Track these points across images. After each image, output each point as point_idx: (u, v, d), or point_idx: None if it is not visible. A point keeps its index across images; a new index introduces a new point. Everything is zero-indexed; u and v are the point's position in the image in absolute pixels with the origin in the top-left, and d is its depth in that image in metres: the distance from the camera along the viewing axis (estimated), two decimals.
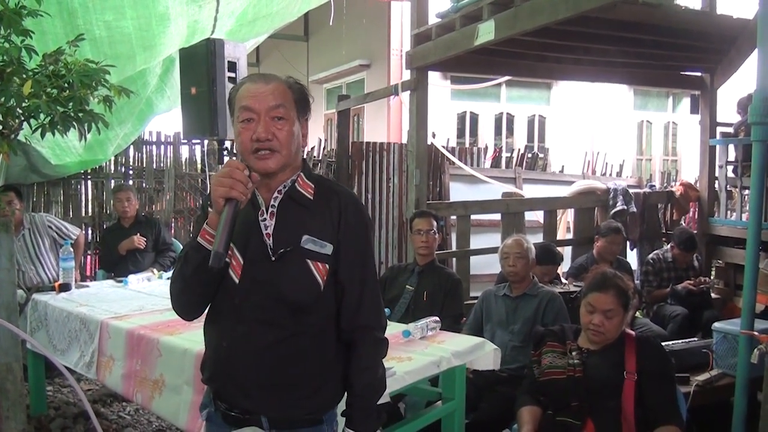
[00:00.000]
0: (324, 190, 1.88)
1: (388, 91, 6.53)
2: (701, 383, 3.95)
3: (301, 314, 1.81)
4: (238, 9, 4.78)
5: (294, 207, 1.84)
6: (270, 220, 1.83)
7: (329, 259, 1.83)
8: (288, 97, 1.81)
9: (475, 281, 6.44)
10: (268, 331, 1.80)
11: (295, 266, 1.80)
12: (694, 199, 7.09)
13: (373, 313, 1.93)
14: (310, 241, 1.81)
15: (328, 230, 1.83)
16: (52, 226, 5.32)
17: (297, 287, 1.80)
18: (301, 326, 1.81)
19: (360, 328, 1.90)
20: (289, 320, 1.80)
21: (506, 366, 3.66)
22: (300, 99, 1.85)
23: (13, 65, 2.97)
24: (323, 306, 1.85)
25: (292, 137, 1.80)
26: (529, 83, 11.41)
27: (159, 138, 6.85)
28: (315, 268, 1.81)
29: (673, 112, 13.07)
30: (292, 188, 1.86)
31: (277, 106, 1.77)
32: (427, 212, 4.56)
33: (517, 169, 8.16)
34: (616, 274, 3.00)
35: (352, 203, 1.89)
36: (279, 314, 1.80)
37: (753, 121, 3.48)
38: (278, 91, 1.79)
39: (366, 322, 1.91)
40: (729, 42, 5.73)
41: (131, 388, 3.21)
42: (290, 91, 1.83)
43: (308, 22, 13.09)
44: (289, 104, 1.80)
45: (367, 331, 1.91)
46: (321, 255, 1.81)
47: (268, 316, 1.80)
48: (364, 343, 1.91)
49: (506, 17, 4.42)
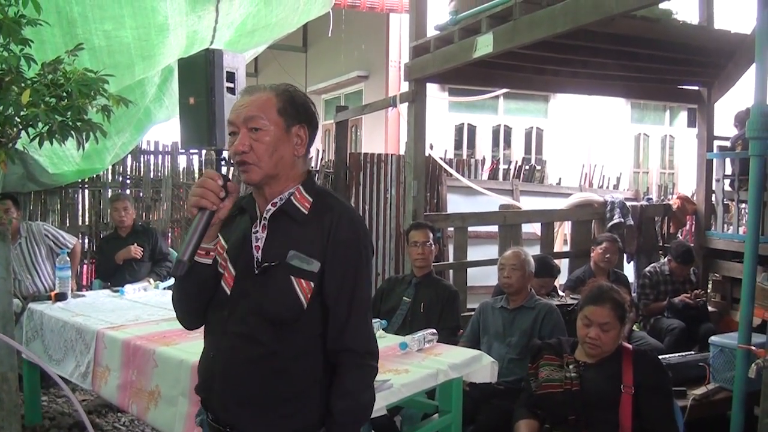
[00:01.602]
0: (321, 206, 1.81)
1: (386, 103, 6.54)
2: (698, 397, 3.95)
3: (283, 332, 1.76)
4: (238, 20, 4.79)
5: (286, 221, 1.80)
6: (261, 233, 1.80)
7: (315, 277, 1.75)
8: (268, 107, 1.75)
9: (472, 293, 6.43)
10: (248, 347, 1.77)
11: (279, 282, 1.75)
12: (691, 213, 7.10)
13: (360, 336, 1.80)
14: (297, 257, 1.75)
15: (317, 247, 1.76)
16: (48, 235, 5.30)
17: (278, 303, 1.75)
18: (283, 344, 1.76)
19: (344, 351, 1.79)
20: (270, 337, 1.76)
21: (503, 379, 3.65)
22: (286, 106, 1.77)
23: (11, 74, 2.97)
24: (308, 325, 1.78)
25: (270, 148, 1.74)
26: (526, 96, 11.45)
27: (157, 147, 6.85)
28: (299, 285, 1.75)
29: (670, 125, 13.12)
30: (288, 201, 1.80)
31: (252, 117, 1.73)
32: (423, 224, 4.56)
33: (515, 181, 8.17)
34: (612, 287, 3.00)
35: (346, 219, 1.80)
36: (260, 330, 1.76)
37: (750, 135, 3.50)
38: (258, 102, 1.75)
39: (350, 346, 1.79)
40: (726, 56, 5.75)
41: (127, 399, 3.20)
42: (275, 100, 1.76)
43: (307, 33, 13.13)
44: (268, 113, 1.74)
45: (350, 355, 1.79)
46: (306, 272, 1.75)
47: (249, 331, 1.77)
48: (346, 367, 1.79)
49: (505, 30, 4.44)
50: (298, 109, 1.79)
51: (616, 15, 3.69)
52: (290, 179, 1.81)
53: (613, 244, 5.52)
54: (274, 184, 1.79)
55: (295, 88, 1.84)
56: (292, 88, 1.83)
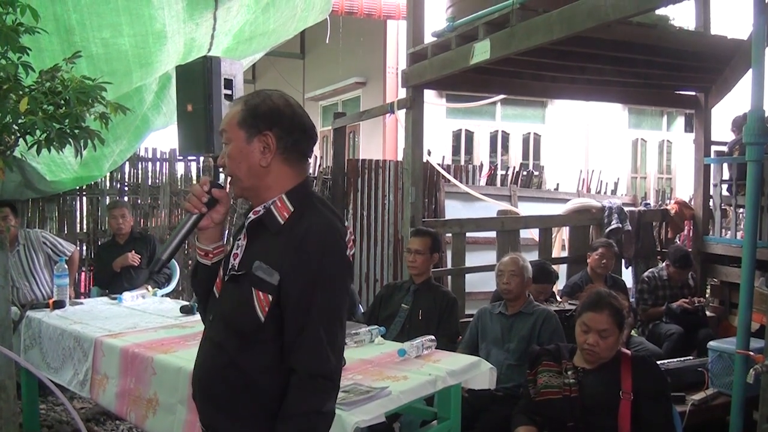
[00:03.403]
0: (298, 216, 1.76)
1: (384, 109, 6.55)
2: (697, 402, 3.95)
3: (244, 343, 1.75)
4: (235, 27, 4.80)
5: (261, 230, 1.79)
6: (243, 241, 1.82)
7: (274, 290, 1.70)
8: (234, 120, 1.77)
9: (471, 299, 6.43)
10: (216, 352, 1.81)
11: (243, 292, 1.74)
12: (688, 218, 7.11)
13: (312, 355, 1.69)
14: (260, 268, 1.72)
15: (281, 258, 1.71)
16: (47, 242, 5.30)
17: (237, 313, 1.76)
18: (246, 355, 1.74)
19: (293, 371, 1.70)
20: (234, 346, 1.76)
21: (502, 385, 3.64)
22: (246, 117, 1.75)
23: (9, 82, 2.98)
24: (269, 339, 1.73)
25: (236, 161, 1.77)
26: (524, 101, 11.46)
27: (155, 154, 6.84)
28: (257, 297, 1.71)
29: (667, 130, 13.13)
30: (267, 211, 1.78)
31: (222, 131, 1.81)
32: (424, 231, 4.46)
33: (512, 186, 8.17)
34: (610, 293, 3.01)
35: (315, 231, 1.71)
36: (225, 337, 1.78)
37: (747, 141, 3.51)
38: (227, 117, 1.80)
39: (299, 364, 1.69)
40: (723, 62, 5.77)
41: (125, 407, 3.19)
42: (240, 113, 1.76)
43: (305, 39, 13.14)
44: (231, 127, 1.77)
45: (299, 375, 1.69)
46: (266, 284, 1.70)
47: (218, 338, 1.80)
48: (294, 387, 1.69)
49: (502, 37, 4.45)
50: (261, 117, 1.75)
51: (612, 21, 3.69)
52: (271, 189, 1.79)
53: (609, 249, 5.52)
54: (255, 195, 1.81)
55: (268, 96, 1.80)
56: (264, 95, 1.79)
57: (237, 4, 4.54)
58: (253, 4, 4.73)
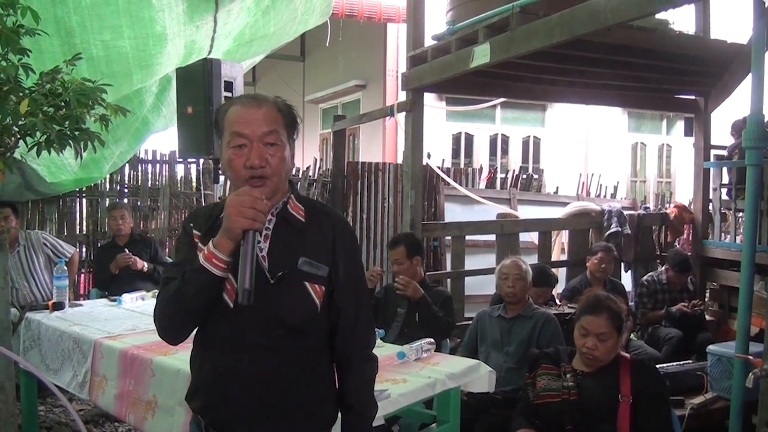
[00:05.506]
0: (314, 212, 1.88)
1: (384, 112, 6.55)
2: (696, 406, 3.95)
3: (298, 337, 1.80)
4: (236, 29, 4.81)
5: (288, 229, 1.82)
6: (264, 243, 1.79)
7: (325, 281, 1.82)
8: (279, 121, 1.78)
9: (470, 302, 6.43)
10: (268, 356, 1.77)
11: (294, 289, 1.78)
12: (688, 221, 7.11)
13: (368, 333, 1.97)
14: (307, 263, 1.79)
15: (323, 252, 1.82)
16: (47, 243, 5.30)
17: (296, 310, 1.77)
18: (298, 350, 1.81)
19: (355, 348, 1.92)
20: (287, 344, 1.79)
21: (501, 388, 3.64)
22: (290, 122, 1.82)
23: (10, 83, 2.98)
24: (319, 327, 1.85)
25: (284, 163, 1.78)
26: (524, 105, 11.47)
27: (154, 156, 6.84)
28: (312, 290, 1.80)
29: (667, 134, 13.13)
30: (285, 211, 1.84)
31: (270, 132, 1.74)
32: (395, 240, 4.40)
33: (512, 190, 8.18)
34: (609, 296, 3.01)
35: (346, 227, 1.94)
36: (278, 338, 1.77)
37: (747, 145, 3.51)
38: (270, 116, 1.76)
39: (361, 342, 1.93)
40: (723, 66, 5.77)
41: (124, 409, 3.19)
42: (281, 115, 1.79)
43: (305, 42, 13.15)
44: (280, 129, 1.78)
45: (361, 351, 1.94)
46: (318, 277, 1.80)
47: (268, 341, 1.77)
48: (359, 362, 1.93)
49: (502, 40, 4.45)
50: (296, 123, 1.86)
51: (612, 25, 3.70)
52: (284, 189, 1.85)
53: (608, 253, 5.53)
54: (275, 196, 1.81)
55: (277, 97, 1.87)
56: (284, 101, 1.86)
57: (237, 7, 4.55)
58: (253, 6, 4.74)
